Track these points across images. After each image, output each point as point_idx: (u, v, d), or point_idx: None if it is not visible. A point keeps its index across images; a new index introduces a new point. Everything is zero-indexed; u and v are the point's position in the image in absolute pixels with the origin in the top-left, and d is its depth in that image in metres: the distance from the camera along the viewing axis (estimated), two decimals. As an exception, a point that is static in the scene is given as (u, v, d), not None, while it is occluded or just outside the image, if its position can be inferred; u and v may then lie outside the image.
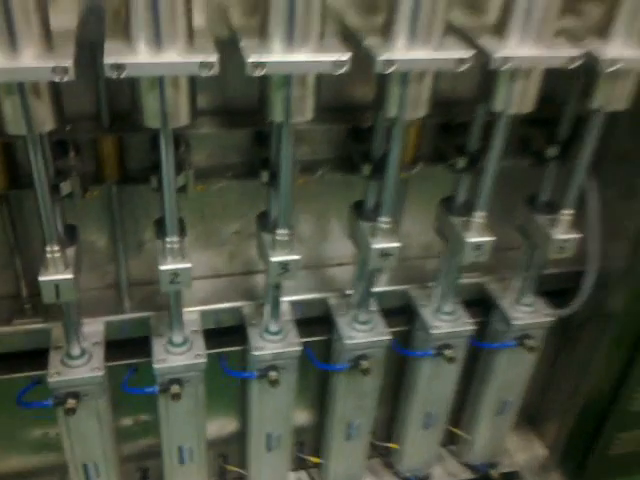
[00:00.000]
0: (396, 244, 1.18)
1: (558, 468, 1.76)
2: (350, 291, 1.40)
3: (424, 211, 1.41)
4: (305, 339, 1.33)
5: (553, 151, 1.29)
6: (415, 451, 1.60)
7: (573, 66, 1.01)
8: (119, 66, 0.84)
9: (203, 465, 1.41)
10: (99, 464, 1.30)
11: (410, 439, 1.57)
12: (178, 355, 1.24)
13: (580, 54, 1.00)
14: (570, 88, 1.20)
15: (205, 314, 1.33)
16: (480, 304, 1.50)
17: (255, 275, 1.42)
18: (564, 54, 1.00)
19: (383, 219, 1.17)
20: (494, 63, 0.98)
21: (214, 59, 0.86)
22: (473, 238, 1.22)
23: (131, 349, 1.31)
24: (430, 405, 1.51)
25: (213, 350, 1.31)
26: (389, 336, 1.35)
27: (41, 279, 1.03)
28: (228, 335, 1.37)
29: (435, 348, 1.39)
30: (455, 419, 1.66)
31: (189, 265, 1.09)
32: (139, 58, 0.86)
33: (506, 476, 1.73)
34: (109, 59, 0.83)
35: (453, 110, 1.25)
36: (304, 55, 0.91)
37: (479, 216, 1.22)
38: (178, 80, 0.91)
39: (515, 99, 1.06)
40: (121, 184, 1.17)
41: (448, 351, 1.38)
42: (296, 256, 1.14)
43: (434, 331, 1.38)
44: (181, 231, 1.11)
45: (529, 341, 1.43)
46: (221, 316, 1.36)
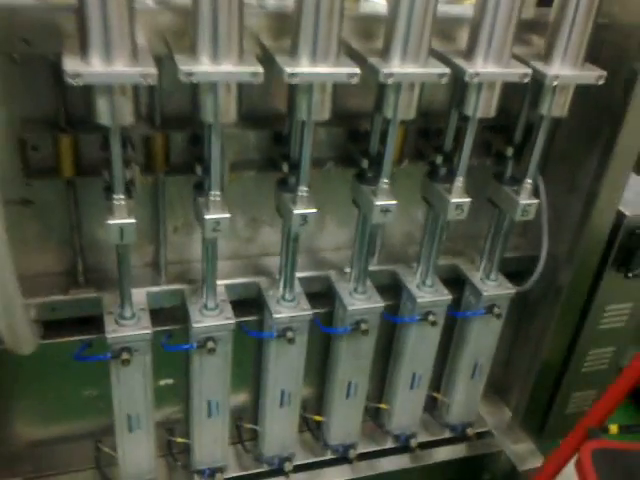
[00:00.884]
0: (394, 202, 1.42)
1: (522, 428, 2.05)
2: (348, 269, 1.68)
3: (406, 205, 1.69)
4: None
5: (510, 151, 1.61)
6: (403, 410, 1.86)
7: (525, 81, 1.34)
8: (190, 74, 1.11)
9: (226, 419, 1.64)
10: (140, 415, 1.51)
11: (399, 399, 1.83)
12: (212, 317, 1.48)
13: (530, 71, 1.33)
14: (522, 100, 1.54)
15: (229, 287, 1.58)
16: (454, 283, 1.80)
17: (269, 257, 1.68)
18: (518, 71, 1.33)
19: (384, 180, 1.41)
20: (467, 77, 1.30)
21: (261, 70, 1.15)
22: (455, 199, 1.48)
23: (164, 318, 1.55)
24: (416, 366, 1.78)
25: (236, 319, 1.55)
26: (383, 303, 1.62)
27: (110, 222, 1.22)
28: (245, 307, 1.61)
29: (420, 314, 1.68)
30: (436, 386, 1.94)
31: (228, 215, 1.31)
32: (203, 68, 1.14)
33: (480, 435, 2.01)
34: (184, 68, 1.11)
35: (430, 118, 1.57)
36: (325, 68, 1.21)
37: (459, 181, 1.48)
38: (230, 86, 1.19)
39: (481, 105, 1.38)
40: (168, 175, 1.43)
41: (431, 316, 1.67)
42: (314, 209, 1.38)
43: (420, 300, 1.66)
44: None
45: (496, 309, 1.73)
46: (240, 290, 1.61)
